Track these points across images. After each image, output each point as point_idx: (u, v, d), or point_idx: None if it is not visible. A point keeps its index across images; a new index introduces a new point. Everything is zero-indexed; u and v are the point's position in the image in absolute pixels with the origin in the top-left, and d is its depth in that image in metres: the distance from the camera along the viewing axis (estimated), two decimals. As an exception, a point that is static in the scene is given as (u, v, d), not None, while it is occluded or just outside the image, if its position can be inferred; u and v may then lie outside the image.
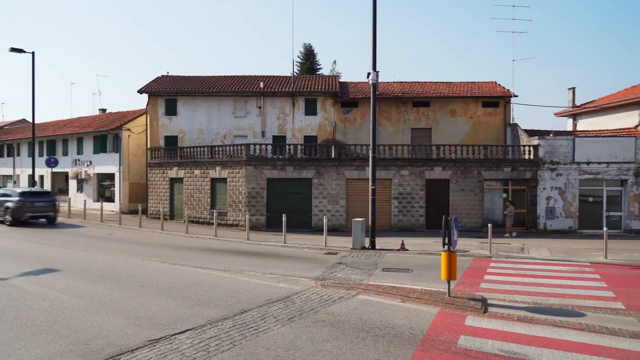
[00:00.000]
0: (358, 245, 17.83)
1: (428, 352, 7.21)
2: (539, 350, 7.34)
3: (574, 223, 23.80)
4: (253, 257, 16.47)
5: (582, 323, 8.85)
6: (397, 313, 9.30)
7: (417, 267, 14.34)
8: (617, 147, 23.83)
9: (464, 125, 29.60)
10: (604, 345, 7.68)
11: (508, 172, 24.10)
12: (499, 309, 9.79)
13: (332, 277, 13.00)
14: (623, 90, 34.31)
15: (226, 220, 25.32)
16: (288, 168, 24.53)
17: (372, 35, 17.84)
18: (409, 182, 24.27)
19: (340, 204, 24.34)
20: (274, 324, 8.48)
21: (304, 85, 30.76)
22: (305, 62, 49.55)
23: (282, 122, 30.07)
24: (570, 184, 23.81)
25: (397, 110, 29.79)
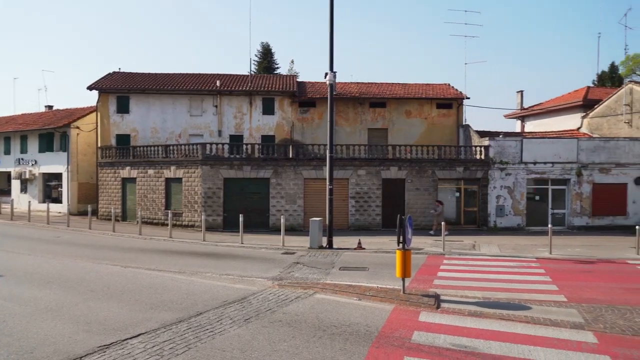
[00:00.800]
0: (315, 244, 17.91)
1: (383, 349, 7.35)
2: (488, 343, 7.64)
3: (522, 220, 24.88)
4: (209, 258, 16.22)
5: (528, 316, 9.28)
6: (353, 311, 9.42)
7: (374, 266, 14.57)
8: (561, 148, 25.09)
9: (419, 126, 30.30)
10: (547, 336, 8.09)
11: (461, 172, 24.88)
12: (451, 304, 10.11)
13: (290, 276, 13.01)
14: (567, 94, 36.23)
15: (181, 221, 24.79)
16: (245, 168, 24.30)
17: (329, 36, 17.96)
18: (366, 182, 24.61)
19: (298, 204, 24.35)
20: (230, 325, 8.39)
21: (262, 85, 30.57)
22: (263, 61, 49.22)
23: (239, 122, 29.75)
24: (519, 183, 24.86)
25: (355, 111, 30.13)
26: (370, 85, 32.34)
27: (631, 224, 23.24)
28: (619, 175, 25.16)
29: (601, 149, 25.12)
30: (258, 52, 49.94)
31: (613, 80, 47.04)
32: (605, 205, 25.10)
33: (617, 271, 14.27)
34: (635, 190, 25.23)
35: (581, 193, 25.03)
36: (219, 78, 30.99)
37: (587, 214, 25.08)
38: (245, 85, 29.99)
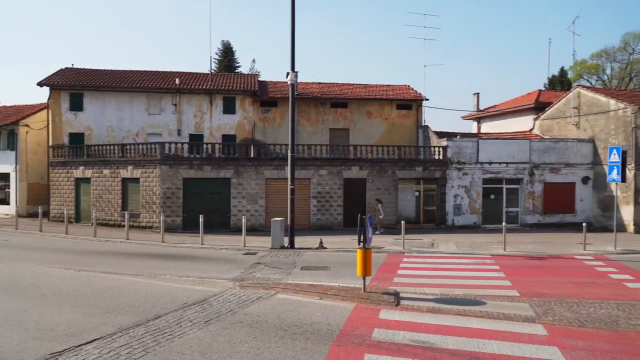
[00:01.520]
0: (277, 244, 17.86)
1: (344, 347, 7.43)
2: (445, 338, 7.86)
3: (478, 219, 25.68)
4: (168, 260, 15.88)
5: (483, 311, 9.61)
6: (314, 310, 9.47)
7: (335, 265, 14.68)
8: (514, 148, 26.07)
9: (380, 126, 30.75)
10: (500, 329, 8.41)
11: (420, 172, 25.41)
12: (411, 301, 10.33)
13: (251, 277, 12.92)
14: (520, 96, 37.68)
15: (139, 222, 24.13)
16: (206, 167, 23.92)
17: (291, 36, 17.96)
18: (328, 182, 24.74)
19: (259, 204, 24.20)
20: (190, 327, 8.26)
21: (223, 83, 30.17)
22: (224, 59, 48.63)
23: (199, 121, 29.26)
24: (475, 182, 25.65)
25: (316, 111, 30.23)
26: (332, 86, 32.54)
27: (579, 221, 24.50)
28: (568, 174, 26.41)
29: (551, 150, 26.29)
30: (219, 51, 49.34)
31: (563, 84, 49.32)
32: (556, 203, 26.29)
33: (566, 266, 14.98)
34: (583, 189, 26.55)
35: (533, 192, 26.10)
36: (179, 76, 30.37)
37: (539, 212, 26.18)
38: (206, 84, 29.53)
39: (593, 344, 7.75)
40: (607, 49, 55.55)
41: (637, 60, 54.17)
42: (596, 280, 12.89)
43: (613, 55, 55.24)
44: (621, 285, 12.23)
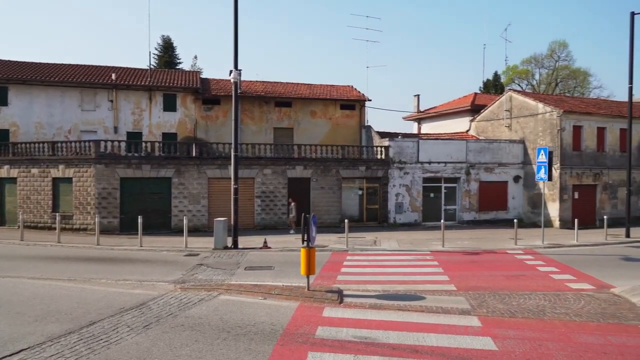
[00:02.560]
0: (220, 245, 17.56)
1: (288, 346, 7.42)
2: (386, 333, 8.06)
3: (418, 216, 26.53)
4: (104, 263, 15.16)
5: (423, 305, 9.95)
6: (258, 310, 9.39)
7: (279, 264, 14.64)
8: (452, 148, 27.18)
9: (324, 126, 30.99)
10: (438, 323, 8.74)
11: (363, 171, 25.87)
12: (354, 298, 10.50)
13: (193, 279, 12.61)
14: (457, 99, 39.32)
15: (72, 225, 22.85)
16: (145, 167, 23.05)
17: (234, 33, 17.68)
18: (272, 181, 24.61)
19: (202, 204, 23.66)
20: (128, 333, 7.94)
21: (163, 80, 29.20)
22: (164, 55, 47.04)
23: (138, 118, 28.16)
24: (416, 181, 26.48)
25: (260, 110, 29.99)
26: (276, 85, 32.40)
27: (511, 217, 25.89)
28: (501, 174, 27.88)
29: (486, 150, 27.65)
30: (158, 46, 47.65)
31: (496, 87, 51.97)
32: (490, 201, 27.68)
33: (499, 260, 15.80)
34: (514, 188, 28.13)
35: (469, 190, 27.32)
36: (115, 71, 29.07)
37: (475, 210, 27.45)
38: (145, 80, 28.45)
39: (522, 332, 8.24)
40: (535, 56, 59.25)
41: (562, 67, 58.17)
42: (526, 273, 13.71)
43: (541, 62, 58.99)
44: (548, 277, 13.08)
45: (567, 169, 26.11)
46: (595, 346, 7.61)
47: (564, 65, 58.12)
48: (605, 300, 10.48)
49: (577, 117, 26.52)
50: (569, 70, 57.98)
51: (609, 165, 27.70)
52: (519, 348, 7.45)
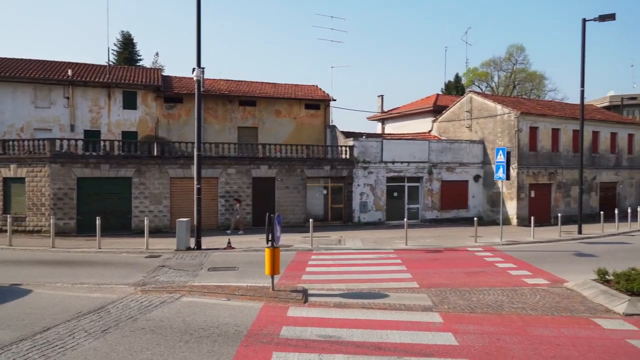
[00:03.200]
0: (183, 246, 17.22)
1: (252, 347, 7.36)
2: (351, 332, 8.12)
3: (382, 215, 26.87)
4: (60, 266, 14.58)
5: (386, 303, 10.08)
6: (222, 312, 9.27)
7: (244, 265, 14.50)
8: (415, 148, 27.67)
9: (288, 126, 30.92)
10: (402, 320, 8.87)
11: (328, 170, 25.97)
12: (318, 297, 10.52)
13: (154, 281, 12.31)
14: (420, 99, 40.08)
15: (25, 227, 21.87)
16: (103, 166, 22.33)
17: (197, 30, 17.38)
18: (236, 181, 24.34)
19: (163, 204, 23.13)
20: (85, 338, 7.67)
21: (122, 77, 28.37)
22: (124, 51, 45.71)
23: (96, 116, 27.23)
24: (380, 180, 26.81)
25: (224, 108, 29.61)
26: (240, 84, 32.08)
27: (471, 216, 26.60)
28: (462, 173, 28.61)
29: (448, 150, 28.30)
30: (117, 42, 46.28)
31: (458, 89, 53.29)
32: (451, 200, 28.36)
33: (460, 258, 16.21)
34: (475, 187, 28.92)
35: (432, 189, 27.89)
36: (71, 67, 28.02)
37: (437, 208, 28.05)
38: (103, 77, 27.56)
39: (482, 327, 8.48)
40: (494, 59, 61.16)
41: (519, 70, 60.27)
42: (485, 269, 14.11)
43: (500, 65, 60.94)
44: (506, 273, 13.52)
45: (524, 169, 27.05)
46: (550, 338, 7.92)
47: (521, 68, 60.25)
48: (559, 295, 10.92)
49: (533, 118, 27.52)
50: (526, 73, 60.15)
51: (562, 165, 28.89)
52: (478, 342, 7.66)
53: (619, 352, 7.35)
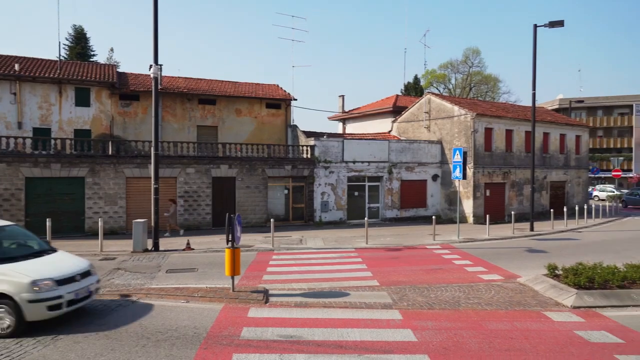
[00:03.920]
0: (140, 247, 16.73)
1: (211, 349, 7.24)
2: (312, 331, 8.12)
3: (343, 215, 27.04)
4: (6, 271, 13.83)
5: (347, 301, 10.14)
6: (180, 314, 9.07)
7: (203, 266, 14.24)
8: (375, 148, 28.00)
9: (249, 125, 30.61)
10: (362, 318, 8.95)
11: (289, 170, 25.89)
12: (279, 297, 10.46)
13: (109, 284, 11.89)
14: (380, 100, 40.63)
15: (-32, 229, 20.60)
16: (54, 166, 21.37)
17: (154, 25, 16.90)
18: (195, 181, 23.87)
19: (119, 205, 22.38)
20: (34, 346, 7.32)
21: (75, 72, 27.24)
22: (76, 46, 43.96)
23: (46, 113, 26.03)
24: (341, 180, 26.97)
25: (183, 107, 28.98)
26: (200, 82, 31.50)
27: (430, 214, 27.22)
28: (421, 173, 29.20)
29: (407, 150, 28.81)
30: (69, 36, 44.47)
31: (417, 90, 54.40)
32: (411, 199, 28.89)
33: (419, 255, 16.53)
34: (433, 186, 29.59)
35: (392, 189, 28.33)
36: (19, 61, 26.67)
37: (397, 207, 28.51)
38: (54, 72, 26.37)
39: (439, 323, 8.68)
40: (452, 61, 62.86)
41: (475, 73, 62.20)
42: (443, 266, 14.46)
43: (457, 67, 62.68)
44: (462, 270, 13.89)
45: (479, 168, 27.91)
46: (504, 332, 8.20)
47: (477, 71, 62.21)
48: (512, 290, 11.33)
49: (488, 119, 28.43)
50: (482, 76, 62.17)
51: (516, 164, 30.00)
52: (436, 338, 7.83)
53: (568, 343, 7.70)
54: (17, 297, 7.76)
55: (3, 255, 8.66)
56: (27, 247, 9.57)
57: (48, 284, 8.01)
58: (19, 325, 7.79)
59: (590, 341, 7.76)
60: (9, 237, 9.66)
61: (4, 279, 7.90)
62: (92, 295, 9.01)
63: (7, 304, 7.79)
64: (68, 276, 8.45)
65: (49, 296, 7.96)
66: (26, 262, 8.57)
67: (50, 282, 8.07)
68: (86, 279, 8.89)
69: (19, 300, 7.75)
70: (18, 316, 7.77)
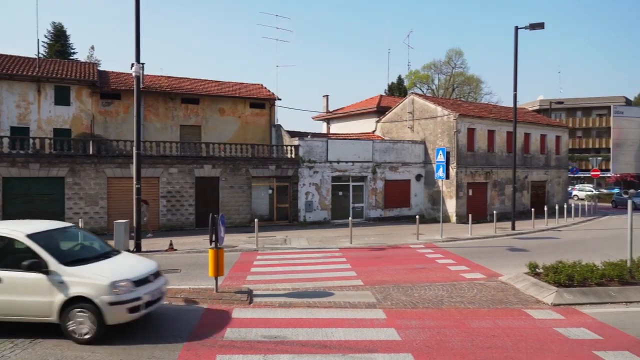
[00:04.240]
0: (121, 248, 16.44)
1: (194, 350, 7.17)
2: (296, 331, 8.10)
3: (328, 214, 27.07)
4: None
5: (331, 301, 10.14)
6: (163, 315, 8.95)
7: (186, 267, 14.10)
8: (359, 148, 28.09)
9: (233, 124, 30.43)
10: (346, 317, 8.96)
11: (273, 170, 25.81)
12: (264, 298, 10.41)
13: (90, 286, 11.68)
14: (364, 100, 40.78)
15: (-57, 231, 20.07)
16: (33, 165, 20.94)
17: (135, 23, 16.68)
18: (178, 180, 23.64)
19: (100, 205, 22.05)
20: (11, 349, 7.15)
21: (54, 70, 26.74)
22: (55, 44, 43.17)
23: (24, 112, 25.49)
24: (325, 180, 26.99)
25: (165, 106, 28.66)
26: (183, 81, 31.21)
27: (413, 214, 27.41)
28: (404, 172, 29.38)
29: (391, 150, 28.96)
30: (48, 33, 43.65)
31: (400, 90, 54.74)
32: (395, 198, 29.06)
33: (402, 255, 16.62)
34: (416, 185, 29.80)
35: (376, 189, 28.45)
36: (-4, 59, 26.08)
37: (381, 207, 28.64)
38: (32, 70, 25.85)
39: (423, 322, 8.73)
40: (435, 62, 63.43)
41: (458, 74, 62.84)
42: (426, 265, 14.57)
43: (440, 68, 63.25)
44: (445, 269, 14.02)
45: (462, 168, 28.19)
46: (486, 330, 8.29)
47: (459, 72, 62.87)
48: (494, 288, 11.47)
49: (471, 120, 28.74)
50: (464, 77, 62.85)
51: (497, 164, 30.39)
52: (419, 337, 7.89)
53: (548, 340, 7.82)
54: (97, 299, 7.39)
55: (73, 257, 8.23)
56: (91, 248, 9.07)
57: (127, 285, 7.67)
58: (99, 330, 7.43)
59: (570, 338, 7.90)
60: (72, 239, 9.20)
61: (80, 281, 7.51)
62: (163, 297, 8.68)
63: (87, 307, 7.42)
64: (143, 277, 8.11)
65: (129, 298, 7.61)
66: (98, 263, 8.18)
67: (128, 283, 7.71)
68: (158, 280, 8.57)
69: (99, 303, 7.38)
70: (99, 320, 7.41)
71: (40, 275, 7.52)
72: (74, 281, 7.52)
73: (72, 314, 7.44)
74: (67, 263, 7.78)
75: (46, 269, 7.55)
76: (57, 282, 7.50)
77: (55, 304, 7.44)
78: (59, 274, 7.54)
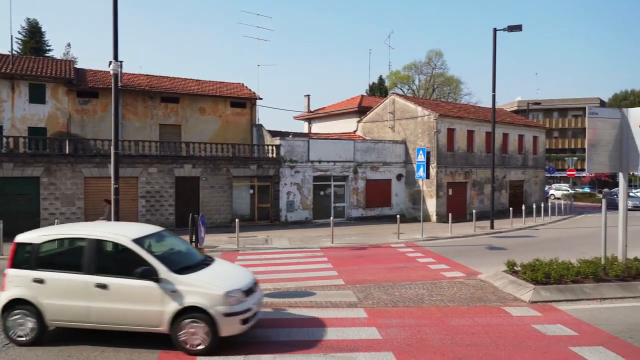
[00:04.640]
0: (99, 250, 16.16)
1: (174, 352, 7.07)
2: (277, 331, 8.06)
3: (309, 214, 27.05)
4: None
5: (313, 301, 10.14)
6: (141, 318, 8.81)
7: (166, 267, 13.90)
8: (341, 148, 28.15)
9: (214, 124, 30.17)
10: (328, 317, 8.96)
11: (254, 170, 25.67)
12: (244, 298, 10.33)
13: (66, 288, 11.44)
14: (346, 100, 40.88)
15: None
16: (6, 165, 20.41)
17: (113, 20, 16.35)
18: (158, 180, 23.33)
19: (77, 206, 21.61)
20: (-17, 354, 6.95)
21: (29, 68, 26.09)
22: (30, 40, 42.17)
23: (-2, 110, 24.84)
24: (306, 180, 26.96)
25: (144, 105, 28.25)
26: (162, 79, 30.80)
27: (394, 213, 27.60)
28: (385, 172, 29.56)
29: (372, 150, 29.10)
30: (23, 30, 42.60)
31: (381, 90, 55.04)
32: (376, 198, 29.21)
33: (383, 254, 16.71)
34: (397, 185, 30.01)
35: (357, 188, 28.55)
36: (-32, 55, 25.32)
37: (362, 206, 28.75)
38: (6, 67, 25.17)
39: (404, 320, 8.79)
40: (415, 63, 63.97)
41: (438, 74, 63.51)
42: (407, 264, 14.67)
43: (420, 69, 63.83)
44: (426, 268, 14.14)
45: (442, 168, 28.50)
46: (465, 327, 8.39)
47: (439, 73, 63.54)
48: (473, 286, 11.61)
49: (450, 120, 29.07)
50: (444, 78, 63.54)
51: (477, 164, 30.81)
52: (400, 335, 7.93)
53: (526, 337, 7.95)
54: (212, 310, 6.96)
55: (179, 265, 7.62)
56: (188, 254, 8.48)
57: (239, 296, 7.25)
58: (212, 342, 7.00)
59: (547, 334, 8.05)
60: (167, 244, 8.59)
61: (193, 290, 7.08)
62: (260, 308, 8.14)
63: (201, 317, 6.99)
64: (250, 286, 7.69)
65: (242, 309, 7.20)
66: (203, 271, 7.67)
67: (240, 293, 7.29)
68: (259, 289, 8.16)
69: (214, 314, 6.96)
70: (213, 331, 6.99)
71: (151, 284, 7.10)
72: (187, 290, 7.09)
73: (184, 324, 7.03)
74: (176, 271, 7.32)
75: (157, 277, 7.12)
76: (170, 291, 7.08)
77: (167, 313, 7.04)
78: (172, 283, 7.12)
